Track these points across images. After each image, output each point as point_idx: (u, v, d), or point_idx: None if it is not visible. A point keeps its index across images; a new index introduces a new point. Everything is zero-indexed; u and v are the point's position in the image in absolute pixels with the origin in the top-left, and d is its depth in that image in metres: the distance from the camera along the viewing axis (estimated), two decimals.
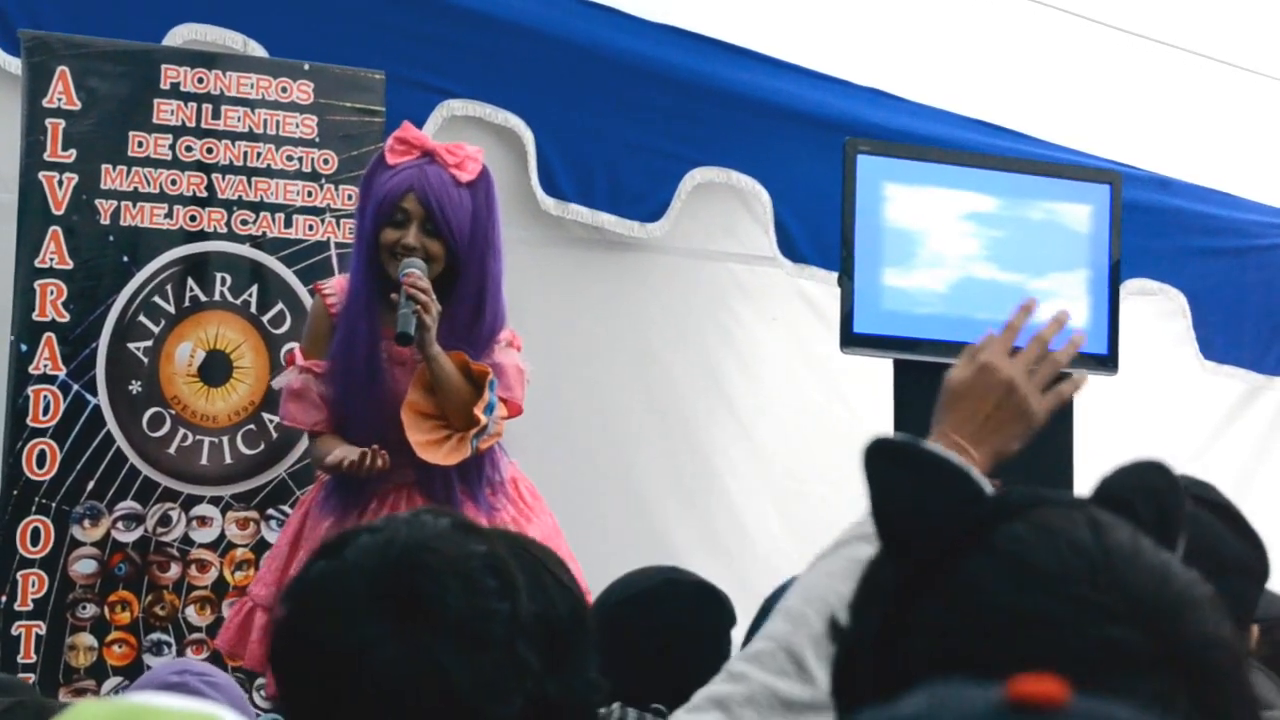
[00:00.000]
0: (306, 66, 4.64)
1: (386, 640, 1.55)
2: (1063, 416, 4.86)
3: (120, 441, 4.36)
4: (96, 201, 4.37)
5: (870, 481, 1.10)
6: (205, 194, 4.49)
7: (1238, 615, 2.26)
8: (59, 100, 4.35)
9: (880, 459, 1.11)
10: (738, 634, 3.01)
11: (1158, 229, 6.32)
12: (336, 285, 3.98)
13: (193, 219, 4.48)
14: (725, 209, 5.85)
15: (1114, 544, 1.05)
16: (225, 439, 4.48)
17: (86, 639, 4.30)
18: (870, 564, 1.15)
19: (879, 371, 4.82)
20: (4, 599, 4.22)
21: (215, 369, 4.49)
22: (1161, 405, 6.49)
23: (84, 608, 4.30)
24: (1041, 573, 1.03)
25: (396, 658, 1.55)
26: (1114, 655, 0.99)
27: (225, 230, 4.51)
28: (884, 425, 4.69)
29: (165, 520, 4.39)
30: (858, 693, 1.06)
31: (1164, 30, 6.00)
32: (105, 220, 4.37)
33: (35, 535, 4.26)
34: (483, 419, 3.70)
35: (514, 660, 1.59)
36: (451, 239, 3.76)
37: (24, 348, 4.28)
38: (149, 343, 4.41)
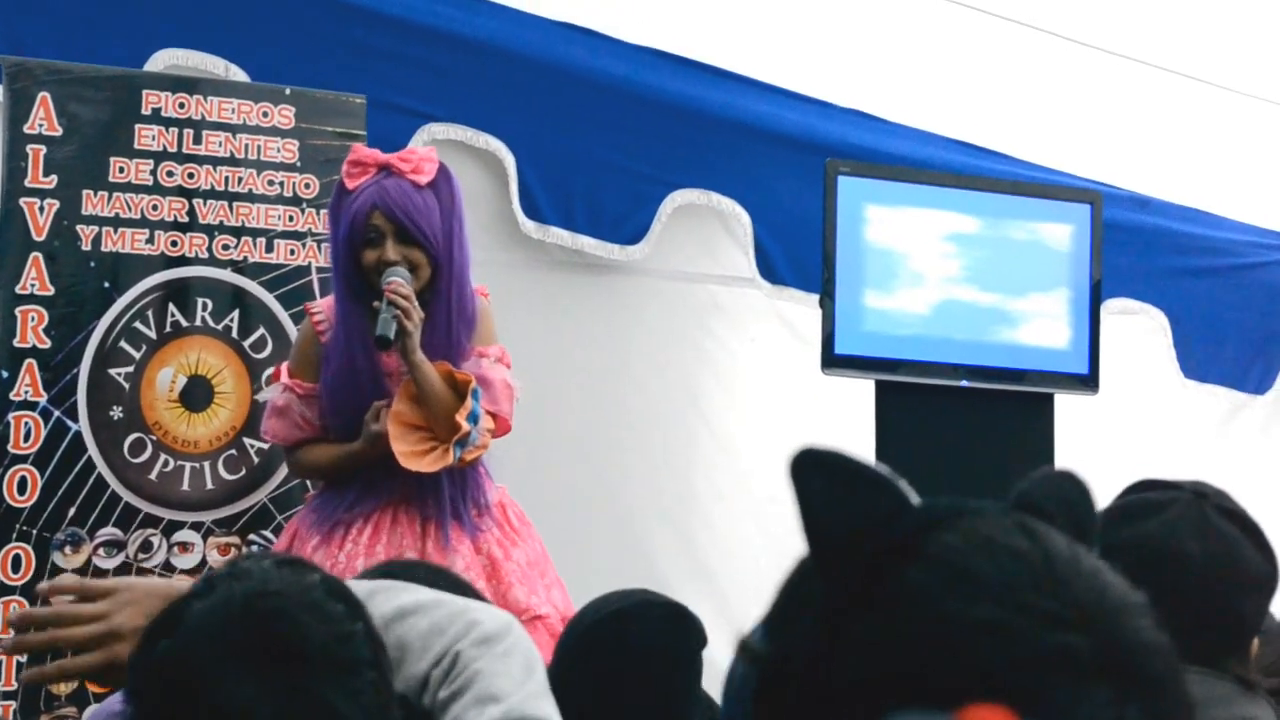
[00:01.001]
0: (288, 91, 4.64)
1: (265, 696, 1.51)
2: (1044, 435, 4.88)
3: (101, 468, 4.35)
4: (78, 227, 4.36)
5: (798, 493, 1.08)
6: (186, 219, 4.49)
7: (1254, 625, 2.27)
8: (40, 126, 4.35)
9: (807, 469, 1.09)
10: (709, 654, 3.01)
11: (1138, 248, 6.34)
12: (325, 306, 4.00)
13: (174, 244, 4.47)
14: (705, 231, 5.86)
15: (1053, 550, 1.03)
16: (206, 464, 4.47)
17: None
18: (792, 580, 1.13)
19: (860, 393, 4.83)
20: None
21: (196, 394, 4.48)
22: (1142, 424, 6.50)
23: None
24: (984, 581, 1.00)
25: (280, 709, 1.51)
26: (1065, 662, 0.97)
27: (207, 255, 4.51)
28: (865, 446, 4.70)
29: (146, 546, 4.38)
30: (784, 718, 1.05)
31: (1144, 50, 6.02)
32: (86, 246, 4.37)
33: (16, 562, 4.25)
34: (465, 426, 3.70)
35: (382, 677, 1.58)
36: (427, 243, 3.79)
37: (4, 374, 4.27)
38: (130, 369, 4.40)
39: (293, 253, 4.60)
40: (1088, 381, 5.01)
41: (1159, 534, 2.27)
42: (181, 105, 4.52)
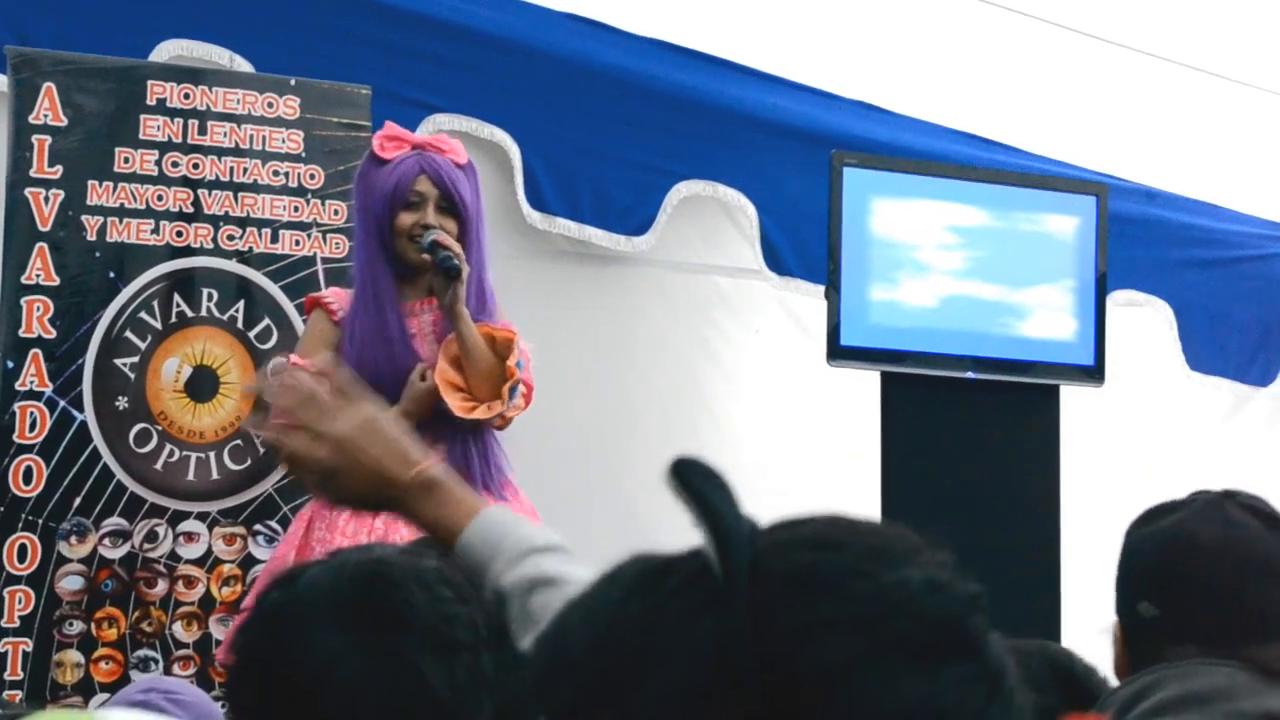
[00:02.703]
0: (293, 82, 4.64)
1: (357, 651, 1.54)
2: (1049, 427, 4.88)
3: (107, 457, 4.35)
4: (83, 218, 4.36)
5: (707, 497, 1.09)
6: (191, 209, 4.49)
7: (1270, 615, 2.26)
8: (45, 117, 4.35)
9: (699, 477, 1.10)
10: None
11: (1144, 240, 6.33)
12: (334, 295, 4.05)
13: (179, 234, 4.48)
14: (711, 222, 5.86)
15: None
16: (212, 454, 4.47)
17: (73, 656, 4.29)
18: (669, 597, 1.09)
19: (865, 384, 4.82)
20: None
21: (202, 384, 4.49)
22: (1147, 416, 6.50)
23: (71, 624, 4.29)
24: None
25: (366, 669, 1.53)
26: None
27: (212, 246, 4.51)
28: (870, 437, 4.70)
29: (152, 536, 4.38)
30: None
31: (1150, 42, 6.01)
32: (92, 236, 4.37)
33: (22, 552, 4.25)
34: (516, 372, 3.83)
35: (479, 666, 1.59)
36: (464, 214, 3.93)
37: (10, 364, 4.28)
38: (135, 359, 4.41)
39: (298, 243, 4.60)
40: (1093, 373, 5.00)
41: (1175, 526, 2.27)
42: (186, 96, 4.52)
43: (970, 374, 4.77)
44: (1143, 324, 6.51)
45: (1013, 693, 1.03)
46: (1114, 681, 2.33)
